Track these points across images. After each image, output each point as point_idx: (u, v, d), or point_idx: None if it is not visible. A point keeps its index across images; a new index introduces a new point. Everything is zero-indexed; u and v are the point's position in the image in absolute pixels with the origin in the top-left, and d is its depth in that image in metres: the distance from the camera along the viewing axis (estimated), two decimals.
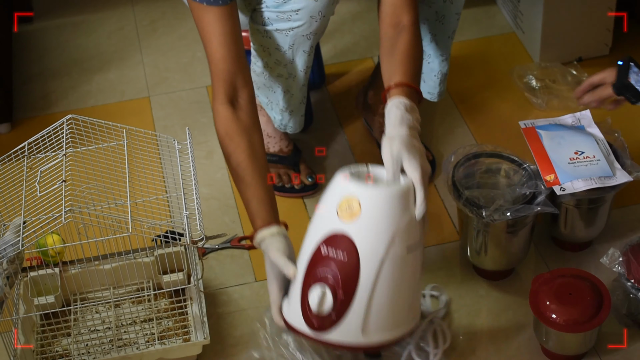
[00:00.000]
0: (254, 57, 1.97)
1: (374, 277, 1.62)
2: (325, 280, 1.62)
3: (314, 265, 1.64)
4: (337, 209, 1.62)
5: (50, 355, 1.86)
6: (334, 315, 1.63)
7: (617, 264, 1.81)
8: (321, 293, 1.62)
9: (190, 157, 1.84)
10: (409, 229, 1.63)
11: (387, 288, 1.63)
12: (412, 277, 1.67)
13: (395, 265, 1.62)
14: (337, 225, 1.62)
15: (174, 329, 1.89)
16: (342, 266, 1.61)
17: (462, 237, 1.96)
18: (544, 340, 1.80)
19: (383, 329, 1.66)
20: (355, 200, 1.61)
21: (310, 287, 1.64)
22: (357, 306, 1.62)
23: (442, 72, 2.08)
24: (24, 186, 1.74)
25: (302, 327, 1.66)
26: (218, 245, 2.09)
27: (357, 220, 1.61)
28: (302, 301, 1.65)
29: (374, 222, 1.61)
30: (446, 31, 2.00)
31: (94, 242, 1.70)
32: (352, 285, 1.62)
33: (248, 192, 1.75)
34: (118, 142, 1.82)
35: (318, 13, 1.81)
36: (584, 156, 1.90)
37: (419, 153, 1.67)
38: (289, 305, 1.69)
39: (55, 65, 2.63)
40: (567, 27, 2.43)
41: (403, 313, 1.69)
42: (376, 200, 1.61)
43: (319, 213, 1.66)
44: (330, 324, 1.64)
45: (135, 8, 2.80)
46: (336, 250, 1.62)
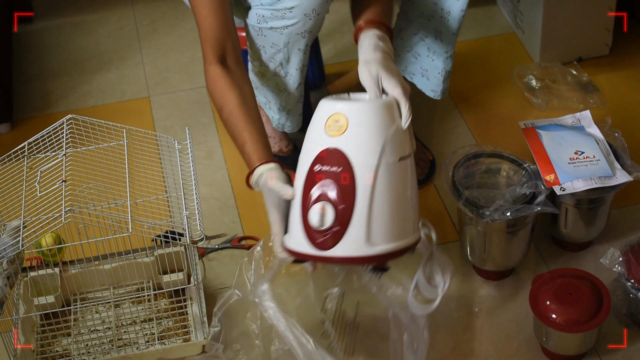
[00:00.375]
0: (250, 56, 1.98)
1: (371, 183, 1.62)
2: (324, 196, 1.63)
3: (310, 185, 1.65)
4: (324, 128, 1.64)
5: (50, 355, 1.86)
6: (337, 229, 1.63)
7: (617, 264, 1.81)
8: (322, 208, 1.62)
9: (190, 157, 1.84)
10: (398, 138, 1.65)
11: (384, 196, 1.64)
12: (408, 185, 1.68)
13: (389, 173, 1.64)
14: (327, 142, 1.63)
15: (174, 329, 1.89)
16: (337, 177, 1.62)
17: (462, 237, 1.96)
18: (544, 340, 1.80)
19: (386, 239, 1.65)
20: (341, 116, 1.63)
21: (310, 206, 1.64)
22: (358, 216, 1.63)
23: (446, 70, 2.08)
24: (24, 186, 1.74)
25: (307, 249, 1.65)
26: (218, 245, 2.09)
27: (346, 133, 1.62)
28: (303, 222, 1.65)
29: (362, 133, 1.63)
30: (451, 28, 1.99)
31: (93, 242, 1.70)
32: (351, 196, 1.62)
33: (242, 136, 1.76)
34: (118, 142, 1.82)
35: (312, 11, 1.82)
36: (584, 156, 1.90)
37: (394, 71, 1.71)
38: (291, 233, 1.68)
39: (55, 65, 2.63)
40: (567, 27, 2.43)
41: (403, 222, 1.68)
42: (362, 112, 1.64)
43: (308, 136, 1.68)
44: (335, 239, 1.63)
45: (135, 8, 2.81)
46: (330, 166, 1.63)
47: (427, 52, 2.05)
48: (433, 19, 2.00)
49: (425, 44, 2.04)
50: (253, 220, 2.14)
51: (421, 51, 2.06)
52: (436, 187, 2.18)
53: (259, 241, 1.80)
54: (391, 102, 1.68)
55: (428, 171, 2.20)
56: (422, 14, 2.00)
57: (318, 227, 1.63)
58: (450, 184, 1.89)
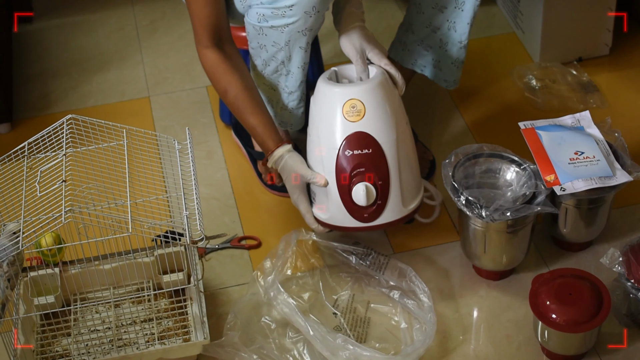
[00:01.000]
0: (251, 55, 1.98)
1: (397, 156, 1.85)
2: (363, 177, 1.84)
3: (344, 168, 1.85)
4: (343, 114, 1.82)
5: (50, 355, 1.86)
6: (381, 201, 1.86)
7: (617, 264, 1.81)
8: (365, 188, 1.83)
9: (190, 157, 1.84)
10: (400, 105, 1.89)
11: (406, 160, 1.88)
12: (413, 142, 1.93)
13: (405, 139, 1.88)
14: (350, 127, 1.83)
15: (174, 329, 1.89)
16: (371, 159, 1.84)
17: (462, 237, 1.96)
18: (544, 340, 1.80)
19: (414, 196, 1.92)
20: (357, 101, 1.82)
21: (352, 188, 1.84)
22: (394, 187, 1.86)
23: (460, 60, 2.09)
24: (24, 186, 1.74)
25: (352, 223, 1.88)
26: (218, 245, 2.09)
27: (365, 116, 1.83)
28: (345, 202, 1.86)
29: (379, 112, 1.83)
30: (465, 17, 2.01)
31: (93, 242, 1.70)
32: (385, 171, 1.85)
33: (253, 119, 1.90)
34: (118, 142, 1.82)
35: (312, 8, 1.83)
36: (584, 156, 1.90)
37: (374, 40, 1.94)
38: (328, 209, 1.89)
39: (55, 65, 2.63)
40: (567, 27, 2.43)
41: (419, 176, 1.96)
42: (375, 94, 1.84)
43: (324, 122, 1.85)
44: (379, 211, 1.87)
45: (135, 8, 2.80)
46: (360, 149, 1.83)
47: (439, 43, 2.06)
48: (446, 10, 2.01)
49: (438, 35, 2.05)
50: (253, 220, 2.14)
51: (433, 43, 2.07)
52: (436, 187, 2.18)
53: (280, 242, 1.96)
54: (384, 74, 1.88)
55: (428, 171, 2.20)
56: (435, 5, 2.01)
57: (365, 207, 1.85)
58: (450, 184, 1.89)
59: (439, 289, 1.96)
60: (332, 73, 1.93)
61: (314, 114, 1.89)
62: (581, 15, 2.41)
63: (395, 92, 1.89)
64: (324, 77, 1.91)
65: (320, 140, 1.87)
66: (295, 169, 1.88)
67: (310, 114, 1.91)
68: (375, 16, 2.69)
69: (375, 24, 2.66)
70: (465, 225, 1.91)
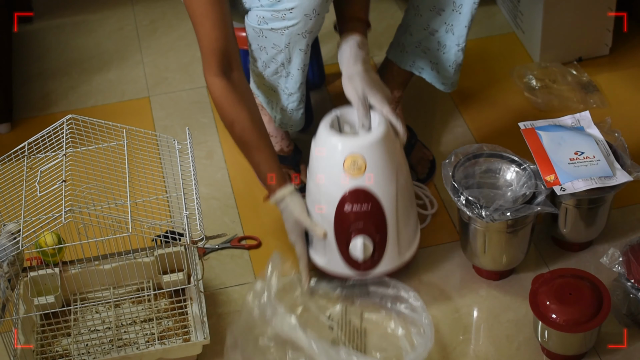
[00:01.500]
0: (251, 56, 1.98)
1: (395, 210, 1.85)
2: (361, 231, 1.84)
3: (342, 222, 1.84)
4: (343, 169, 1.80)
5: (50, 355, 1.86)
6: (377, 256, 1.86)
7: (617, 264, 1.81)
8: (362, 244, 1.84)
9: (190, 157, 1.84)
10: (402, 158, 1.88)
11: (405, 212, 1.88)
12: (413, 192, 1.93)
13: (405, 191, 1.87)
14: (350, 183, 1.82)
15: (174, 329, 1.89)
16: (369, 214, 1.83)
17: (462, 237, 1.96)
18: (544, 340, 1.80)
19: (411, 243, 1.93)
20: (358, 157, 1.80)
21: (349, 241, 1.84)
22: (391, 240, 1.86)
23: (457, 62, 2.08)
24: (24, 186, 1.74)
25: (348, 272, 1.89)
26: (218, 245, 2.09)
27: (366, 172, 1.81)
28: (342, 253, 1.86)
29: (380, 168, 1.82)
30: (463, 20, 2.00)
31: (94, 242, 1.70)
32: (383, 226, 1.85)
33: (258, 155, 1.89)
34: (118, 142, 1.82)
35: (312, 11, 1.82)
36: (584, 156, 1.90)
37: (377, 84, 1.89)
38: (325, 257, 1.90)
39: (55, 65, 2.63)
40: (567, 27, 2.43)
41: (416, 220, 1.96)
42: (376, 149, 1.82)
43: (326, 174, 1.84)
44: (375, 263, 1.87)
45: (135, 8, 2.80)
46: (360, 204, 1.82)
47: (437, 45, 2.06)
48: (444, 13, 2.00)
49: (436, 38, 2.05)
50: (253, 220, 2.14)
51: (431, 45, 2.06)
52: (436, 187, 2.18)
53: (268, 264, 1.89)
54: (387, 124, 1.84)
55: (428, 171, 2.20)
56: (433, 8, 2.01)
57: (362, 260, 1.86)
58: (450, 184, 1.89)
59: (439, 289, 1.96)
60: (334, 118, 1.88)
61: (313, 160, 1.87)
62: (581, 15, 2.41)
63: (397, 143, 1.86)
64: (326, 123, 1.87)
65: (319, 190, 1.86)
66: (295, 214, 1.88)
67: (311, 158, 1.88)
68: (375, 16, 2.69)
69: (375, 24, 2.65)
70: (465, 225, 1.91)
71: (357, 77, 1.87)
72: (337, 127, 1.89)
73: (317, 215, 1.87)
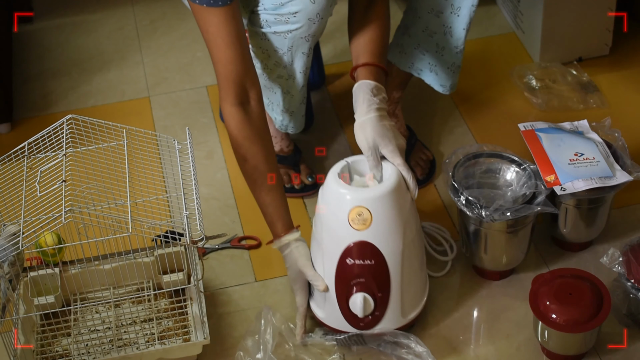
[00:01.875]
0: (253, 58, 1.97)
1: (400, 267, 1.76)
2: (362, 288, 1.76)
3: (344, 276, 1.77)
4: (348, 221, 1.73)
5: (50, 355, 1.86)
6: (378, 313, 1.79)
7: (617, 264, 1.81)
8: (363, 300, 1.76)
9: (190, 157, 1.84)
10: (412, 213, 1.78)
11: (411, 270, 1.79)
12: (422, 249, 1.84)
13: (413, 248, 1.78)
14: (354, 235, 1.74)
15: (174, 329, 1.89)
16: (372, 270, 1.75)
17: (462, 237, 1.96)
18: (544, 340, 1.80)
19: (416, 303, 1.84)
20: (364, 209, 1.72)
21: (349, 297, 1.77)
22: (394, 298, 1.78)
23: (456, 65, 2.07)
24: (24, 186, 1.74)
25: (348, 328, 1.81)
26: (218, 245, 2.09)
27: (372, 226, 1.73)
28: (341, 308, 1.79)
29: (387, 223, 1.73)
30: (461, 23, 1.99)
31: (94, 242, 1.70)
32: (386, 283, 1.77)
33: (266, 196, 1.83)
34: (118, 142, 1.82)
35: (316, 15, 1.82)
36: (583, 157, 1.90)
37: (390, 133, 1.78)
38: (325, 311, 1.83)
39: (55, 65, 2.63)
40: (567, 27, 2.43)
41: (424, 280, 1.88)
42: (383, 203, 1.72)
43: (330, 226, 1.76)
44: (375, 321, 1.80)
45: (135, 8, 2.80)
46: (362, 259, 1.75)
47: (436, 47, 2.05)
48: (443, 15, 1.99)
49: (434, 40, 2.04)
50: (253, 220, 2.14)
51: (430, 47, 2.06)
52: (436, 187, 2.18)
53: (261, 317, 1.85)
54: (399, 178, 1.75)
55: (428, 171, 2.20)
56: (431, 10, 2.00)
57: (360, 317, 1.79)
58: (450, 184, 1.89)
59: (439, 289, 1.96)
60: (344, 167, 1.80)
61: (320, 208, 1.80)
62: (581, 15, 2.41)
63: (407, 196, 1.76)
64: (334, 172, 1.78)
65: (323, 241, 1.78)
66: (299, 264, 1.82)
67: (318, 205, 1.81)
68: None
69: None
70: (466, 225, 1.91)
71: (369, 126, 1.77)
72: (348, 174, 1.80)
73: (318, 266, 1.81)
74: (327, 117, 2.38)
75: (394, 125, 1.80)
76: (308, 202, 2.17)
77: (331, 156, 2.28)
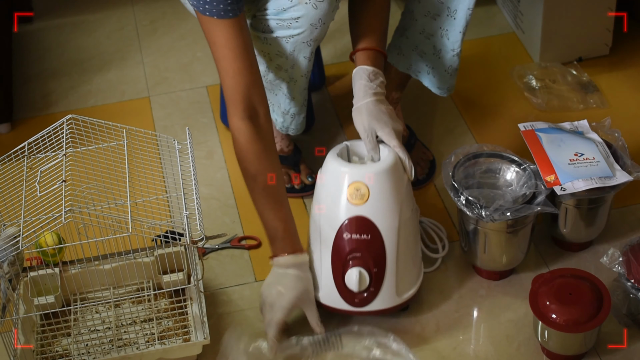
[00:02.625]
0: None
1: (396, 244, 1.79)
2: (358, 262, 1.79)
3: (340, 250, 1.80)
4: (346, 196, 1.77)
5: (50, 355, 1.86)
6: (373, 289, 1.81)
7: (617, 264, 1.81)
8: (358, 274, 1.79)
9: (190, 157, 1.84)
10: (408, 192, 1.82)
11: (407, 249, 1.82)
12: (417, 230, 1.88)
13: (408, 227, 1.81)
14: (351, 210, 1.77)
15: (174, 329, 1.89)
16: (368, 245, 1.78)
17: (462, 237, 1.96)
18: (544, 340, 1.80)
19: (410, 285, 1.87)
20: (362, 184, 1.76)
21: (346, 271, 1.80)
22: (389, 274, 1.81)
23: (453, 67, 2.07)
24: (24, 186, 1.74)
25: (342, 306, 1.83)
26: (218, 245, 2.09)
27: (369, 201, 1.77)
28: (337, 284, 1.81)
29: (384, 198, 1.77)
30: (457, 26, 1.99)
31: (94, 242, 1.70)
32: (382, 258, 1.79)
33: (278, 214, 1.82)
34: (118, 142, 1.82)
35: (318, 21, 1.81)
36: (583, 157, 1.90)
37: (386, 117, 1.82)
38: (320, 288, 1.85)
39: (55, 65, 2.63)
40: (567, 27, 2.43)
41: (419, 262, 1.90)
42: (381, 178, 1.78)
43: (328, 200, 1.80)
44: (370, 298, 1.82)
45: (135, 8, 2.81)
46: (359, 234, 1.78)
47: (433, 50, 2.05)
48: (439, 18, 1.99)
49: (431, 42, 2.04)
50: (253, 220, 2.14)
51: (427, 49, 2.06)
52: (436, 187, 2.18)
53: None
54: (396, 158, 1.80)
55: (428, 171, 2.20)
56: (428, 13, 2.00)
57: (356, 292, 1.81)
58: (450, 184, 1.89)
59: (439, 289, 1.96)
60: (343, 148, 1.85)
61: (319, 186, 1.83)
62: (581, 15, 2.41)
63: (404, 177, 1.81)
64: (334, 152, 1.83)
65: (321, 216, 1.81)
66: (307, 297, 1.82)
67: (317, 185, 1.84)
68: None
69: None
70: (466, 225, 1.91)
71: (365, 110, 1.82)
72: (346, 156, 1.85)
73: (316, 242, 1.83)
74: (328, 118, 2.38)
75: (391, 109, 1.84)
76: (308, 202, 2.17)
77: None
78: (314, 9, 1.80)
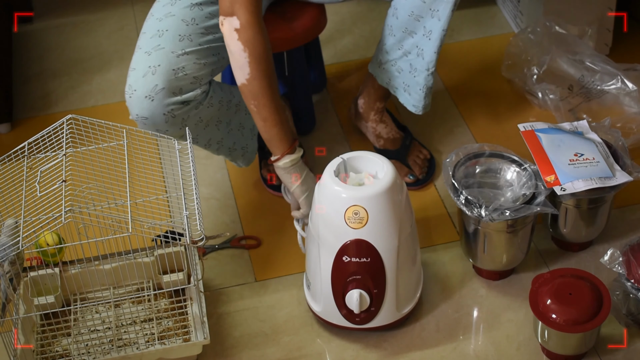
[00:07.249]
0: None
1: (396, 263, 1.78)
2: (358, 284, 1.78)
3: (340, 273, 1.79)
4: (344, 219, 1.74)
5: (50, 355, 1.86)
6: (374, 308, 1.82)
7: (617, 264, 1.81)
8: (359, 296, 1.78)
9: (190, 157, 1.84)
10: (407, 209, 1.80)
11: (407, 265, 1.82)
12: (417, 244, 1.86)
13: (407, 244, 1.80)
14: (350, 234, 1.75)
15: (174, 329, 1.89)
16: (368, 267, 1.77)
17: (462, 237, 1.96)
18: (544, 340, 1.80)
19: (411, 297, 1.87)
20: (360, 208, 1.73)
21: (346, 293, 1.80)
22: (389, 294, 1.81)
23: (427, 86, 2.06)
24: (24, 186, 1.74)
25: (342, 323, 1.84)
26: (218, 245, 2.09)
27: (368, 224, 1.74)
28: (337, 304, 1.82)
29: (383, 221, 1.75)
30: (432, 47, 1.99)
31: (94, 242, 1.70)
32: (382, 279, 1.79)
33: (275, 116, 1.85)
34: (118, 142, 1.82)
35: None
36: (583, 158, 1.90)
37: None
38: (322, 304, 1.85)
39: (55, 65, 2.63)
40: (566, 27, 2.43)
41: (419, 273, 1.90)
42: (379, 201, 1.73)
43: (327, 223, 1.77)
44: (370, 317, 1.83)
45: (135, 8, 2.81)
46: (358, 257, 1.77)
47: (409, 67, 2.04)
48: (416, 36, 1.99)
49: (408, 59, 2.04)
50: (253, 220, 2.14)
51: (404, 66, 2.05)
52: (436, 187, 2.18)
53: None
54: (394, 174, 1.77)
55: (428, 170, 2.20)
56: (406, 30, 2.00)
57: (357, 313, 1.81)
58: (450, 183, 1.89)
59: (439, 289, 1.96)
60: (340, 164, 1.80)
61: (316, 205, 1.80)
62: (581, 15, 2.41)
63: (402, 193, 1.78)
64: (330, 169, 1.79)
65: (319, 239, 1.80)
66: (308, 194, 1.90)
67: (314, 203, 1.81)
68: (375, 16, 2.69)
69: (374, 25, 2.66)
70: (466, 225, 1.92)
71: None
72: (344, 171, 1.81)
73: (315, 263, 1.83)
74: (327, 118, 2.38)
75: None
76: None
77: (331, 156, 2.26)
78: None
